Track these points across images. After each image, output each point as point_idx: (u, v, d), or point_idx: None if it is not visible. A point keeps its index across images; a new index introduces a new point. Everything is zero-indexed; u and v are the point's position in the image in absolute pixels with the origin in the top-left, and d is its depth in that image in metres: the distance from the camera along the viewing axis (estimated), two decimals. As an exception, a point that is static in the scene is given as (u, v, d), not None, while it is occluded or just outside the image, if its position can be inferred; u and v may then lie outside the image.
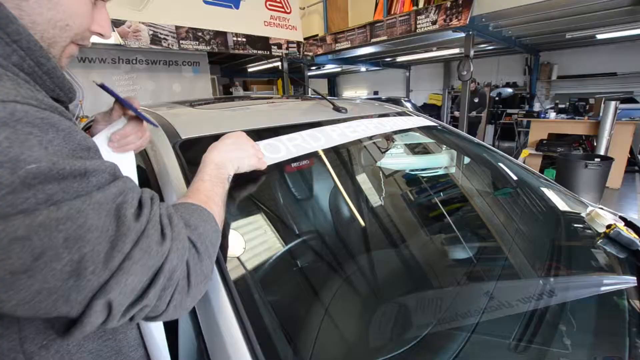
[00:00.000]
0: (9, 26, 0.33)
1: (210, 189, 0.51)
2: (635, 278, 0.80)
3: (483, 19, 3.60)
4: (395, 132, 1.16)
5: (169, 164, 0.65)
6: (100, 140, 0.52)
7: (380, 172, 1.08)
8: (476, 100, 5.91)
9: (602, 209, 1.12)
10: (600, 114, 4.03)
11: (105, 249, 0.31)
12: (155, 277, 0.34)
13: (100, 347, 0.41)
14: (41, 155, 0.28)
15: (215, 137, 0.75)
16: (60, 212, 0.28)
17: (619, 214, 1.17)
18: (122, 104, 0.53)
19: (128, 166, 0.53)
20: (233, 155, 0.59)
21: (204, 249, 0.41)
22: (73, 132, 0.32)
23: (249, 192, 0.72)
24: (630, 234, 0.87)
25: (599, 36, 4.65)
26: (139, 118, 0.55)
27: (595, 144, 4.14)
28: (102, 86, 0.49)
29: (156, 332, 0.48)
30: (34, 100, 0.30)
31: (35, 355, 0.35)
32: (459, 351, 0.58)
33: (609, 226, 0.91)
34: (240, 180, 0.64)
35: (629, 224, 1.04)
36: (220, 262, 0.53)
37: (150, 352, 0.48)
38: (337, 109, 1.07)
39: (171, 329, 0.50)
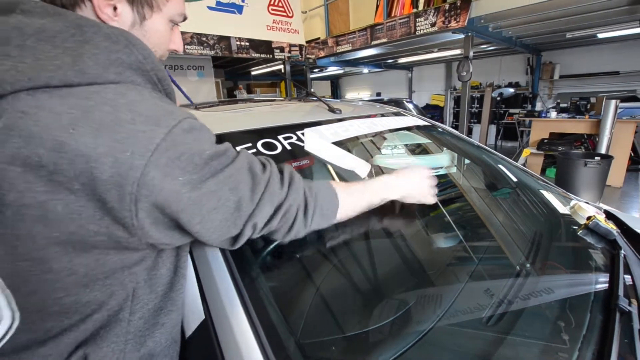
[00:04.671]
0: (165, 81, 0.52)
1: (360, 191, 0.66)
2: (608, 275, 0.79)
3: (482, 20, 3.64)
4: (390, 131, 1.22)
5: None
6: None
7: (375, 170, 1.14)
8: None
9: (587, 203, 1.17)
10: (602, 113, 4.04)
11: (249, 193, 0.49)
12: (277, 210, 0.53)
13: (178, 297, 0.54)
14: (206, 146, 0.47)
15: (220, 137, 0.82)
16: (225, 174, 0.48)
17: (605, 207, 1.22)
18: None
19: None
20: (407, 187, 0.73)
21: (311, 209, 0.57)
22: (209, 131, 0.50)
23: None
24: (607, 225, 0.93)
25: (600, 35, 4.66)
26: None
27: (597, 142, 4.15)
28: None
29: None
30: (191, 115, 0.48)
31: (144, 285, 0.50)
32: (425, 334, 0.61)
33: (589, 218, 0.96)
34: None
35: (610, 216, 1.09)
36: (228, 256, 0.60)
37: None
38: (332, 110, 1.13)
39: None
